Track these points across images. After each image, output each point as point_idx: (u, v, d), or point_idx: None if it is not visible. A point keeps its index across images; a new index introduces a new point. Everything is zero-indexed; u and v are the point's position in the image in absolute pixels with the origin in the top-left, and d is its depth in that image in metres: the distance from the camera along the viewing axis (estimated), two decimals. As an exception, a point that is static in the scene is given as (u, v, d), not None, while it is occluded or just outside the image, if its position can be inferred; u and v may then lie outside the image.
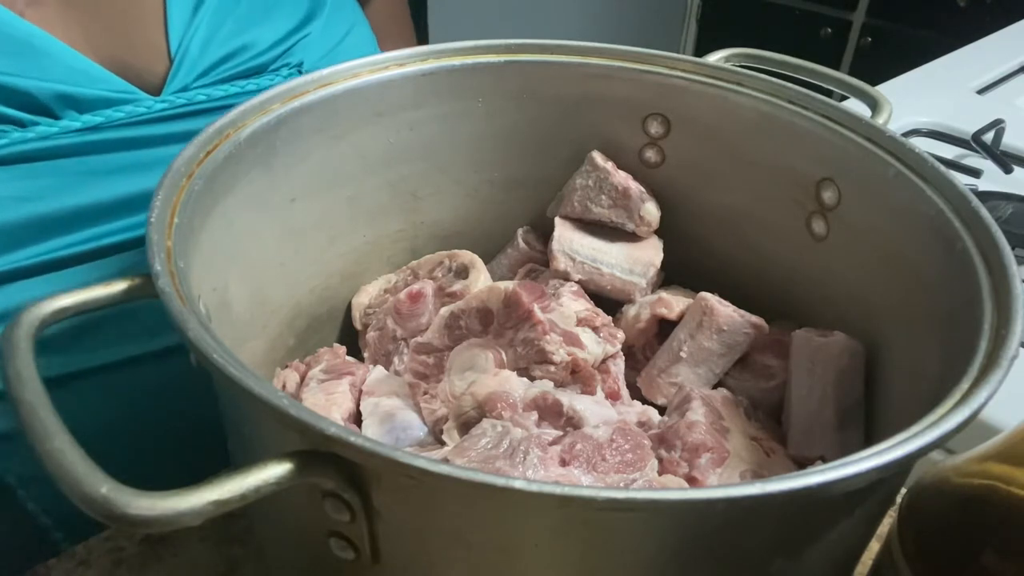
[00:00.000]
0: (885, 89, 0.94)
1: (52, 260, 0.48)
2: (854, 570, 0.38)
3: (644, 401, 0.48)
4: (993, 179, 0.84)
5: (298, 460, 0.27)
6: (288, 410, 0.27)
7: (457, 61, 0.51)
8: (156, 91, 0.52)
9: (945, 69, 1.06)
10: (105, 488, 0.24)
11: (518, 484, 0.25)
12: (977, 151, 0.87)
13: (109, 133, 0.49)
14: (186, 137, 0.40)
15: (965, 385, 0.30)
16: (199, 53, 0.52)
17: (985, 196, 0.76)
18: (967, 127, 0.90)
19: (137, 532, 0.47)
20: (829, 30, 1.91)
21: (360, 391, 0.46)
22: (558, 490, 0.25)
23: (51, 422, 0.26)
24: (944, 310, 0.38)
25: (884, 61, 1.60)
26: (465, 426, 0.41)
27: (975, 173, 0.84)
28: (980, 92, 1.03)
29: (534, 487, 0.25)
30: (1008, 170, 0.84)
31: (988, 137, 0.88)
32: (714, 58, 0.52)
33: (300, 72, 0.56)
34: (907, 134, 0.91)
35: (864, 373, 0.45)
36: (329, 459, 0.27)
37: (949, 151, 0.90)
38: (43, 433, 0.26)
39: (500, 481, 0.25)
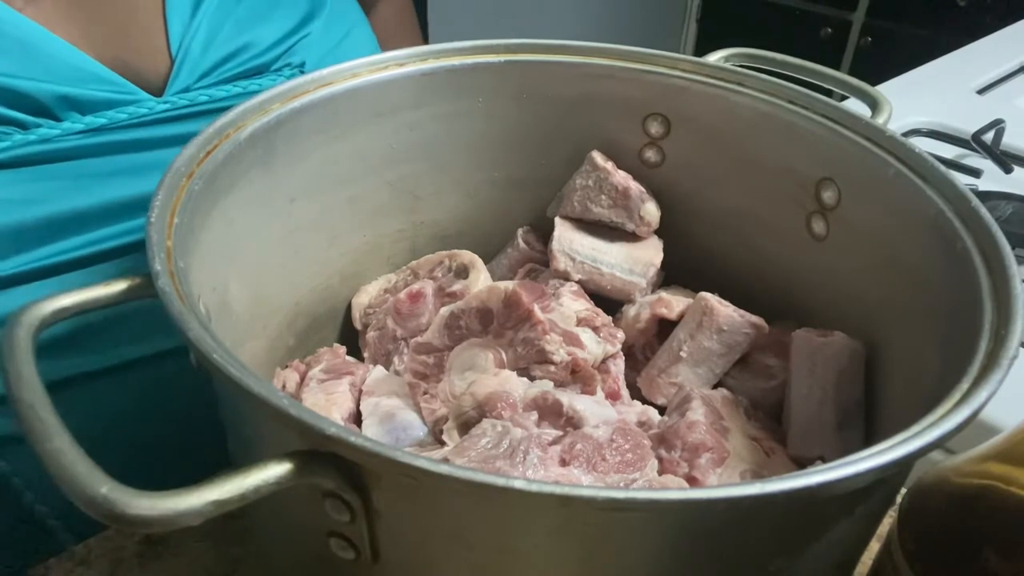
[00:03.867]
0: (885, 89, 0.94)
1: (56, 264, 0.48)
2: (854, 570, 0.38)
3: (644, 401, 0.48)
4: (993, 179, 0.84)
5: (298, 460, 0.27)
6: (288, 410, 0.27)
7: (457, 61, 0.51)
8: (157, 92, 0.51)
9: (945, 69, 1.06)
10: (105, 488, 0.24)
11: (518, 484, 0.25)
12: (977, 151, 0.87)
13: (112, 135, 0.49)
14: (189, 139, 0.40)
15: (965, 385, 0.30)
16: (200, 53, 0.52)
17: (985, 196, 0.76)
18: (967, 127, 0.90)
19: (137, 532, 0.47)
20: (829, 30, 1.91)
21: (360, 391, 0.46)
22: (558, 490, 0.25)
23: (51, 422, 0.26)
24: (944, 310, 0.38)
25: (884, 61, 1.61)
26: (465, 426, 0.41)
27: (975, 173, 0.84)
28: (980, 92, 1.03)
29: (534, 487, 0.25)
30: (1008, 170, 0.84)
31: (988, 137, 0.88)
32: (714, 58, 0.52)
33: (302, 72, 0.56)
34: (907, 134, 0.91)
35: (864, 373, 0.45)
36: (329, 459, 0.27)
37: (949, 151, 0.90)
38: (43, 433, 0.26)
39: (500, 481, 0.25)
